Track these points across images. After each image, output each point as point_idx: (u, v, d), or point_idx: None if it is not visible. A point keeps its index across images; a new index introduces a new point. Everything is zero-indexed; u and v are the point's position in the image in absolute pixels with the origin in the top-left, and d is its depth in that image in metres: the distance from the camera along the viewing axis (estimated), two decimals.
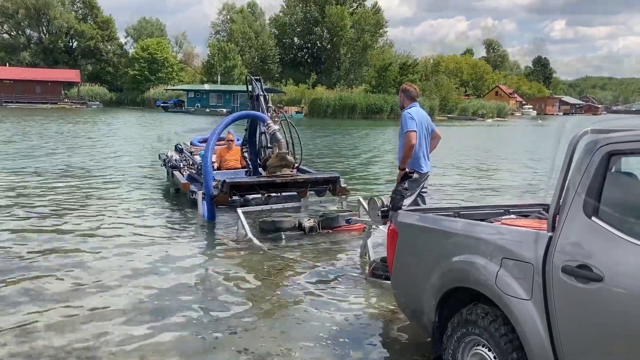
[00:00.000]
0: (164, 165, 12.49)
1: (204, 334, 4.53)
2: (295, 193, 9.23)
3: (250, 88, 10.36)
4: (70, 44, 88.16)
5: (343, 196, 8.74)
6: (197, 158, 11.38)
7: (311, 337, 4.49)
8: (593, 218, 2.69)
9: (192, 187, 9.74)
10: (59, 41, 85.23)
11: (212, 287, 5.80)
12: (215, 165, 10.81)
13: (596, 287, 2.55)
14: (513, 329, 2.94)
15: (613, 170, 2.81)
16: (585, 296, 2.60)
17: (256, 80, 10.30)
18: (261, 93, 9.98)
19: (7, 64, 77.49)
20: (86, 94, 76.61)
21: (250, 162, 10.04)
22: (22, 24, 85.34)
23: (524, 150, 26.09)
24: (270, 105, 9.77)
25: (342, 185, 8.66)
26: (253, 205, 8.93)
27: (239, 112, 9.55)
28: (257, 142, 10.05)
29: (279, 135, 8.64)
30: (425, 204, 6.33)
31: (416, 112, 6.35)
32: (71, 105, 69.73)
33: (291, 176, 8.25)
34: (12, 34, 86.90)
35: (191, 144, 13.82)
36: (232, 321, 4.83)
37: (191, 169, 11.16)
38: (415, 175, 6.23)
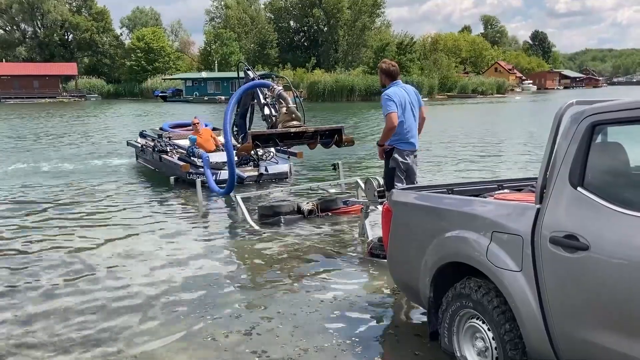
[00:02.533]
0: (142, 151, 13.47)
1: (208, 319, 4.60)
2: (285, 170, 11.09)
3: (242, 75, 10.83)
4: (66, 37, 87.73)
5: (347, 145, 9.19)
6: (182, 142, 12.30)
7: (313, 318, 4.56)
8: (579, 188, 2.72)
9: (191, 169, 10.52)
10: (54, 35, 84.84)
11: (213, 273, 5.85)
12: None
13: (583, 255, 2.59)
14: (505, 301, 2.99)
15: (598, 140, 2.83)
16: (572, 265, 2.65)
17: (247, 69, 10.85)
18: (257, 77, 10.42)
19: (4, 60, 77.29)
20: (84, 87, 76.45)
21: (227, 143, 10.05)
22: (16, 18, 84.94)
23: (523, 126, 26.03)
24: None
25: (346, 135, 9.09)
26: (247, 183, 10.09)
27: (243, 86, 10.00)
28: (250, 121, 10.82)
29: (284, 94, 9.21)
30: (415, 182, 6.22)
31: (395, 92, 6.03)
32: (69, 99, 69.66)
33: (304, 128, 8.82)
34: (7, 29, 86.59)
35: (161, 129, 14.59)
36: (235, 305, 4.89)
37: (180, 151, 11.82)
38: (395, 154, 6.00)
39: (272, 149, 10.55)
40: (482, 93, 75.55)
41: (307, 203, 8.11)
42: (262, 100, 9.77)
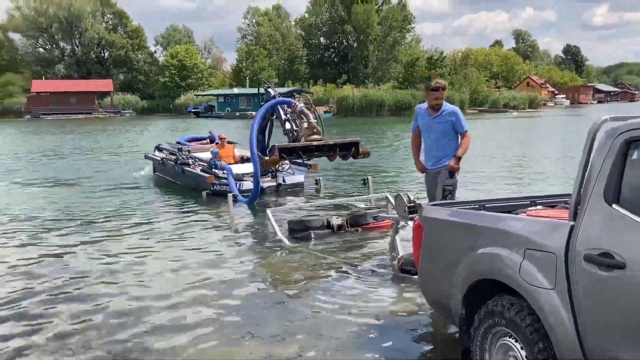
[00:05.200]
0: (162, 164, 14.04)
1: (235, 334, 4.64)
2: (301, 181, 11.98)
3: (262, 91, 11.94)
4: (102, 54, 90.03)
5: (364, 157, 9.95)
6: (203, 155, 12.99)
7: (341, 333, 4.56)
8: (614, 205, 2.68)
9: (215, 181, 11.31)
10: (91, 52, 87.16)
11: (242, 287, 5.90)
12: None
13: (619, 274, 2.55)
14: (538, 319, 2.95)
15: (634, 157, 2.79)
16: (608, 284, 2.60)
17: (268, 87, 11.83)
18: (277, 94, 11.31)
19: (43, 77, 79.68)
20: (119, 103, 78.17)
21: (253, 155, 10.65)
22: (55, 37, 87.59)
23: (556, 141, 25.62)
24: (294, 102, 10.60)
25: (363, 148, 9.83)
26: (266, 193, 10.93)
27: (267, 103, 10.87)
28: (268, 137, 11.64)
29: (306, 110, 9.96)
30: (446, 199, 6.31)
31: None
32: (105, 115, 71.28)
33: (324, 141, 9.64)
34: (47, 47, 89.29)
35: (178, 143, 15.15)
36: (264, 319, 4.92)
37: (202, 164, 12.44)
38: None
39: (287, 161, 11.10)
40: (514, 107, 74.65)
41: (337, 218, 8.12)
42: (283, 116, 10.37)
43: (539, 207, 4.24)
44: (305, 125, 9.78)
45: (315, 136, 9.67)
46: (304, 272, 6.32)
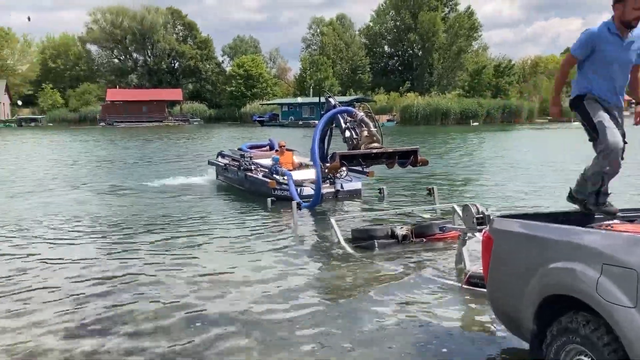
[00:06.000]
0: (225, 169, 14.63)
1: (305, 346, 4.68)
2: (358, 188, 12.17)
3: (324, 100, 12.43)
4: (172, 64, 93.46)
5: (422, 165, 10.09)
6: (264, 161, 13.42)
7: (406, 347, 4.51)
8: None
9: (277, 186, 11.75)
10: (162, 62, 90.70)
11: (306, 295, 5.95)
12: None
13: None
14: (616, 338, 2.83)
15: None
16: None
17: (329, 97, 12.25)
18: (337, 104, 11.65)
19: (117, 87, 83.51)
20: (188, 112, 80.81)
21: (315, 162, 11.05)
22: (129, 48, 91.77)
23: (633, 153, 24.38)
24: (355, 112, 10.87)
25: (421, 156, 9.95)
26: (325, 199, 11.11)
27: (327, 112, 11.30)
28: (328, 144, 11.88)
29: (366, 119, 10.27)
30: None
31: None
32: (174, 123, 73.80)
33: (383, 149, 9.91)
34: (121, 58, 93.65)
35: (240, 149, 15.88)
36: (332, 330, 4.94)
37: (263, 170, 12.94)
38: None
39: (345, 168, 11.27)
40: None
41: (402, 228, 8.04)
42: (343, 125, 10.65)
43: (615, 220, 4.07)
44: (366, 133, 10.04)
45: (375, 144, 9.92)
46: (368, 282, 6.30)
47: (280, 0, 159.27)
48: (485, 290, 4.40)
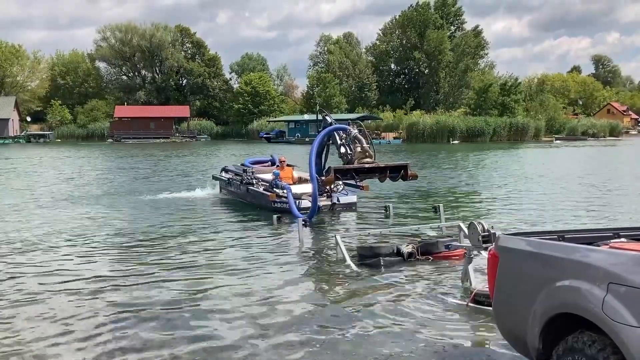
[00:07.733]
0: (228, 183, 15.19)
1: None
2: (354, 201, 12.83)
3: (321, 117, 12.99)
4: (180, 81, 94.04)
5: (412, 179, 10.48)
6: (265, 176, 14.00)
7: None
8: None
9: (277, 200, 12.23)
10: (170, 80, 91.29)
11: (311, 312, 5.93)
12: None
13: None
14: (623, 358, 2.80)
15: None
16: None
17: (325, 115, 12.94)
18: (333, 121, 12.32)
19: (125, 103, 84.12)
20: (195, 128, 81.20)
21: (312, 176, 11.53)
22: (138, 65, 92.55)
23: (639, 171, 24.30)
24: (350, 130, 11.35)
25: (411, 171, 10.31)
26: (322, 211, 11.52)
27: (323, 129, 11.88)
28: (325, 160, 12.32)
29: (359, 136, 10.80)
30: None
31: None
32: (182, 139, 74.13)
33: (375, 164, 10.41)
34: (130, 75, 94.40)
35: (243, 165, 16.41)
36: (339, 345, 4.91)
37: (264, 183, 13.51)
38: None
39: (341, 182, 11.84)
40: (594, 135, 71.57)
41: (407, 245, 8.02)
42: (339, 141, 11.19)
43: (622, 239, 4.05)
44: (359, 149, 10.55)
45: (368, 159, 10.41)
46: (373, 300, 6.27)
47: (290, 18, 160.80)
48: (491, 308, 4.37)
